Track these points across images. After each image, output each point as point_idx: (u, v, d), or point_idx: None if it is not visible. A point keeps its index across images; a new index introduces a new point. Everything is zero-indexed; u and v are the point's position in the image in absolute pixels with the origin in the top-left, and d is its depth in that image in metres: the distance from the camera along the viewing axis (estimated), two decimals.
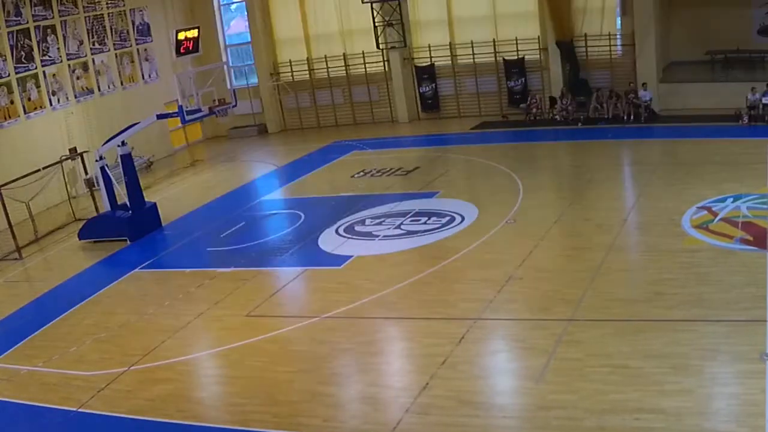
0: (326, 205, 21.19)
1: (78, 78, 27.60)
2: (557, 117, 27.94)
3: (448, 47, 31.17)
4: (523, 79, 29.95)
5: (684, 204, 17.22)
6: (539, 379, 10.94)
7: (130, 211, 20.74)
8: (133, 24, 30.33)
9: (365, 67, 32.56)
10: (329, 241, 18.20)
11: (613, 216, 17.52)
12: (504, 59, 30.17)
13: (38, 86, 25.87)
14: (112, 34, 29.14)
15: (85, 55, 27.92)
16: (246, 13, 33.31)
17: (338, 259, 16.95)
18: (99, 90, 28.48)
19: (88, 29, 28.00)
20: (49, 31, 26.35)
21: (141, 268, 18.29)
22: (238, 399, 11.65)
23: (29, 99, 25.53)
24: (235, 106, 22.20)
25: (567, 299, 13.34)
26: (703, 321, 11.93)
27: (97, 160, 21.00)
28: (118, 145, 20.77)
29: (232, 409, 11.41)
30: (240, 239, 19.32)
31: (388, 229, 18.55)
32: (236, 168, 28.43)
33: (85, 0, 27.86)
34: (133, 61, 30.30)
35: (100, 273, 18.57)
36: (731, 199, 17.07)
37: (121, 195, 21.01)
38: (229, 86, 26.01)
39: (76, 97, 27.41)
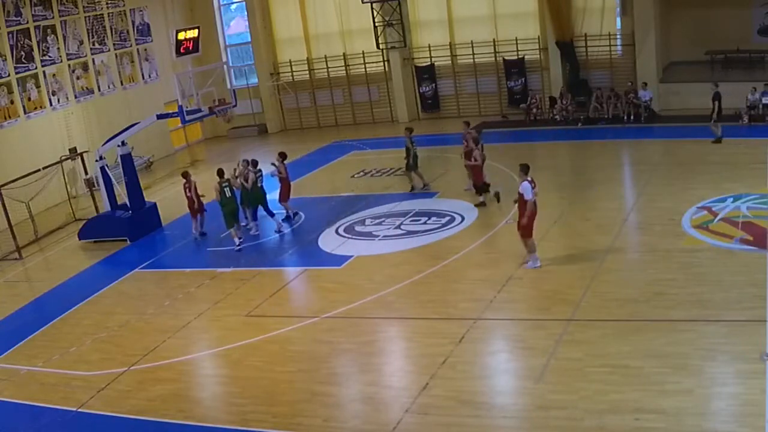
0: (326, 205, 21.18)
1: (78, 78, 27.61)
2: (557, 117, 27.94)
3: (448, 47, 31.16)
4: (523, 79, 29.95)
5: (684, 204, 17.22)
6: (539, 379, 10.94)
7: (130, 211, 20.75)
8: (133, 24, 30.34)
9: (365, 67, 32.57)
10: (329, 241, 18.20)
11: (613, 216, 17.51)
12: (504, 59, 30.17)
13: (38, 86, 25.89)
14: (112, 34, 29.16)
15: (85, 55, 27.93)
16: (246, 13, 33.35)
17: (338, 259, 16.95)
18: (99, 90, 28.50)
19: (88, 29, 28.02)
20: (49, 31, 26.36)
21: (141, 268, 18.30)
22: (238, 399, 11.65)
23: (29, 99, 25.54)
24: (235, 106, 22.17)
25: (567, 299, 13.34)
26: (703, 321, 11.93)
27: (97, 160, 21.02)
28: (118, 145, 20.78)
29: (232, 409, 11.42)
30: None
31: (388, 229, 18.55)
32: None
33: (85, 0, 27.87)
34: (133, 61, 30.31)
35: (100, 273, 18.58)
36: (731, 199, 17.06)
37: (121, 195, 21.01)
38: (229, 86, 26.00)
39: (76, 97, 27.42)
